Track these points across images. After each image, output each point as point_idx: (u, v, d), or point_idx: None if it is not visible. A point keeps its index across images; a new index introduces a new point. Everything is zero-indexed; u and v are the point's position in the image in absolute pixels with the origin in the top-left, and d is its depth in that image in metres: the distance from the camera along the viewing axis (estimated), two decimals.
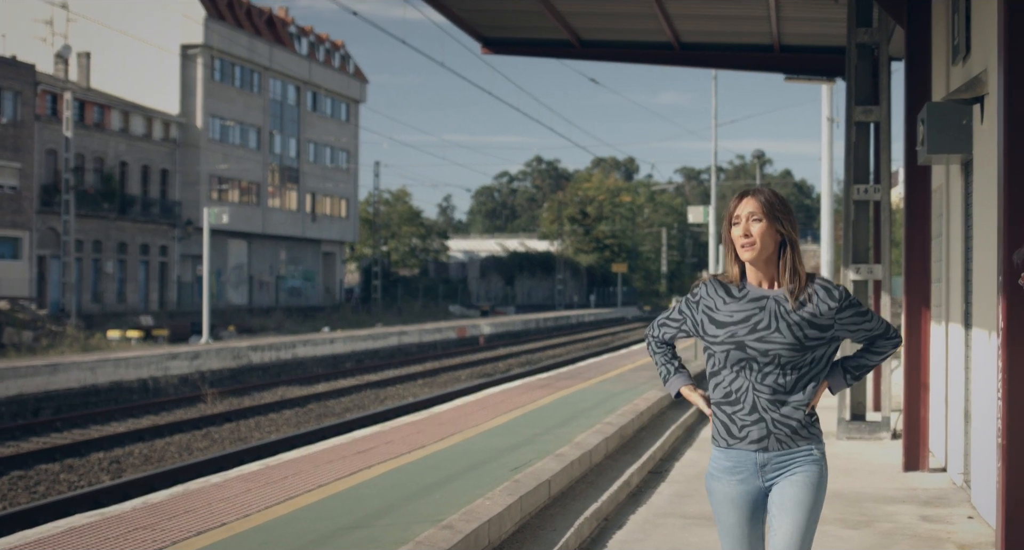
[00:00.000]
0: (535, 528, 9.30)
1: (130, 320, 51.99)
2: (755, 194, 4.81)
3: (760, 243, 4.74)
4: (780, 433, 4.79)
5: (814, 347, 4.77)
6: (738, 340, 4.77)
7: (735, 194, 4.94)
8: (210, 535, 7.78)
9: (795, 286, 4.76)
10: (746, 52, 17.92)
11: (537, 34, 17.60)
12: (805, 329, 4.74)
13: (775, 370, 4.74)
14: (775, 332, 4.73)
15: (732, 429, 4.84)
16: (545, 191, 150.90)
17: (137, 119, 66.36)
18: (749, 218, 4.76)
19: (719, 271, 5.14)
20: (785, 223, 4.78)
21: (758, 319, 4.76)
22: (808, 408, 4.79)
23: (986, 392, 9.25)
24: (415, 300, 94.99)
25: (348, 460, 11.26)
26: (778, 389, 4.77)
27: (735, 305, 4.82)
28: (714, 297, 4.89)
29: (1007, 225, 6.59)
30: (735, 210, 4.80)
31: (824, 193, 30.03)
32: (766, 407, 4.76)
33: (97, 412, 23.58)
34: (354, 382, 31.66)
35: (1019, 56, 6.56)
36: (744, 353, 4.77)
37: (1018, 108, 6.58)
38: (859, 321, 4.86)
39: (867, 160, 14.76)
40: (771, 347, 4.72)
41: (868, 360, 5.02)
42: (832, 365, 4.94)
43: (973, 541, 9.05)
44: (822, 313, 4.76)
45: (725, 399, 4.85)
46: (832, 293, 4.79)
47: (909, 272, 12.81)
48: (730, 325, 4.80)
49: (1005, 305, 6.61)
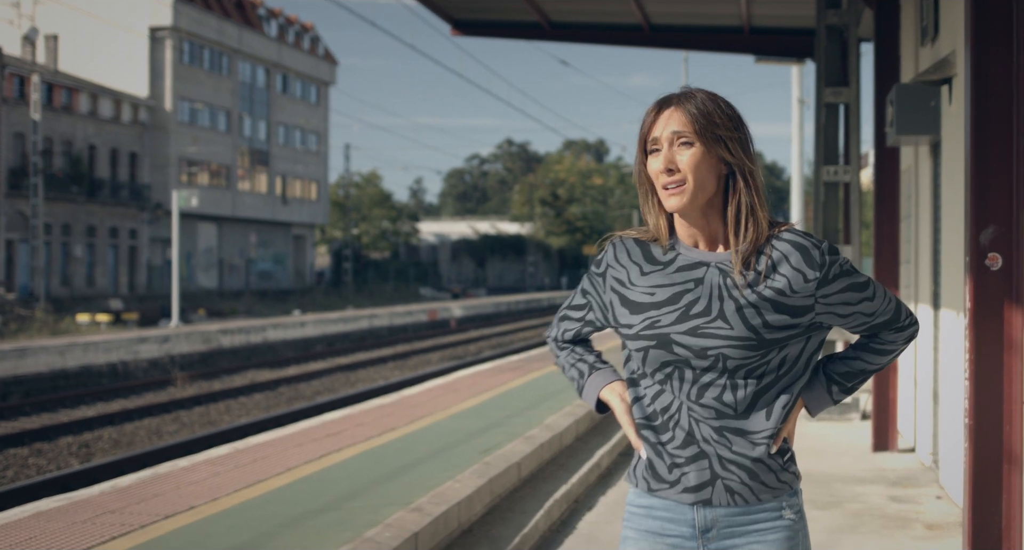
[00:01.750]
0: (505, 510, 9.30)
1: (99, 304, 51.77)
2: (680, 102, 3.08)
3: (693, 182, 3.03)
4: (732, 480, 3.09)
5: (781, 343, 3.06)
6: (660, 332, 3.07)
7: (651, 105, 3.16)
8: (178, 519, 7.75)
9: (749, 244, 3.06)
10: (716, 34, 17.91)
11: (507, 15, 17.56)
12: (766, 314, 3.02)
13: (720, 380, 3.05)
14: (717, 320, 3.03)
15: (658, 466, 3.15)
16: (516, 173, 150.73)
17: (105, 102, 66.00)
18: (673, 141, 3.05)
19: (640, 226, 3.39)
20: (733, 145, 3.07)
21: (691, 299, 3.07)
22: (777, 441, 3.11)
23: (954, 373, 9.29)
24: (386, 283, 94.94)
25: (318, 443, 11.24)
26: (726, 410, 3.07)
27: (657, 276, 3.13)
28: (626, 264, 3.20)
29: (974, 206, 6.60)
30: (651, 129, 3.09)
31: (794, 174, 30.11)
32: (709, 438, 3.08)
33: (66, 396, 23.46)
34: (325, 365, 31.60)
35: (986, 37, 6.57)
36: (670, 353, 3.07)
37: (985, 90, 6.58)
38: (855, 298, 3.13)
39: (837, 141, 14.78)
40: (711, 344, 3.03)
41: (868, 362, 3.30)
42: (812, 372, 3.24)
43: (941, 520, 9.09)
44: (795, 287, 3.03)
45: (648, 422, 3.16)
46: (811, 253, 3.05)
47: (878, 253, 12.85)
48: (649, 308, 3.11)
49: (972, 286, 6.63)
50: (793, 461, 3.20)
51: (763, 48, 18.42)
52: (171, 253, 57.15)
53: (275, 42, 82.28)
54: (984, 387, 6.63)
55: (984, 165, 6.59)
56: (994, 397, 6.63)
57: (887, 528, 8.89)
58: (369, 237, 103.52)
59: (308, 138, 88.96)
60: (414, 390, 16.49)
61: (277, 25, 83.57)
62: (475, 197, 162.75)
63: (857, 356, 3.30)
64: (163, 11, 69.60)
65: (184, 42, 71.85)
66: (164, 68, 70.51)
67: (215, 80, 75.74)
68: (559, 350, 3.49)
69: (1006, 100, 6.54)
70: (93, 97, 64.98)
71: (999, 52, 6.56)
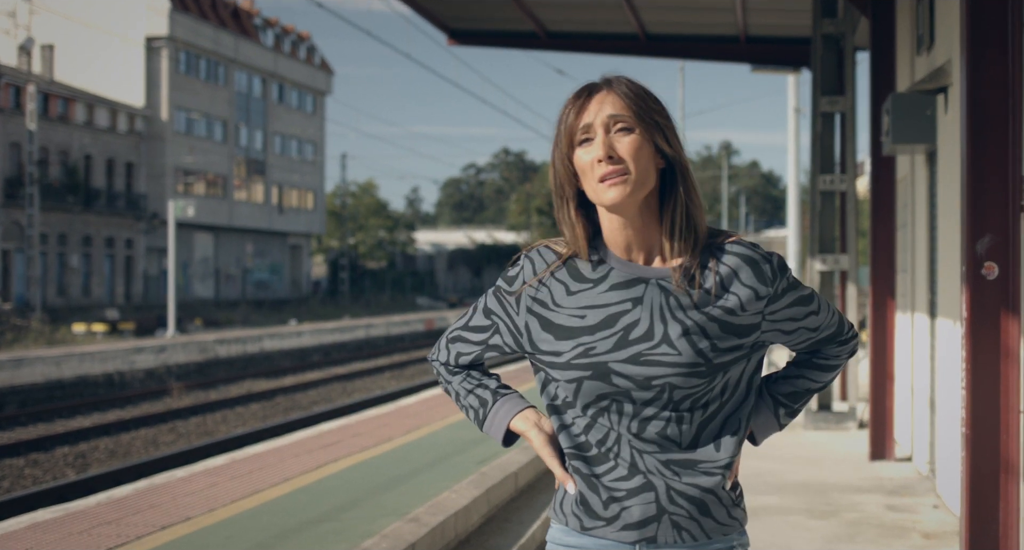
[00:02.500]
0: (502, 521, 9.29)
1: (96, 314, 51.73)
2: (611, 86, 2.74)
3: (635, 171, 2.66)
4: (680, 514, 2.74)
5: (727, 366, 2.72)
6: (595, 361, 2.69)
7: (573, 94, 2.78)
8: (175, 530, 7.74)
9: (691, 255, 2.73)
10: (712, 43, 17.92)
11: (503, 25, 17.56)
12: (713, 336, 2.69)
13: (663, 412, 2.70)
14: (661, 344, 2.67)
15: (592, 501, 2.77)
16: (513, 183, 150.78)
17: (102, 112, 65.99)
18: (611, 127, 2.68)
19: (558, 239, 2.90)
20: (670, 133, 2.73)
21: (629, 321, 2.69)
22: (732, 473, 2.80)
23: (951, 382, 9.28)
24: (382, 292, 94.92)
25: (314, 453, 11.23)
26: (669, 445, 2.72)
27: (587, 296, 2.74)
28: (548, 282, 2.79)
29: (970, 215, 6.60)
30: (580, 116, 2.71)
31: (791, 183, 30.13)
32: (655, 470, 2.73)
33: (62, 406, 23.43)
34: (321, 375, 31.57)
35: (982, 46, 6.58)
36: (608, 384, 2.69)
37: (981, 98, 6.59)
38: (801, 313, 2.84)
39: (833, 150, 14.80)
40: (656, 373, 2.66)
41: (812, 380, 2.99)
42: (756, 392, 2.89)
43: (938, 530, 9.08)
44: (746, 305, 2.72)
45: (579, 452, 2.78)
46: (762, 268, 2.74)
47: (875, 262, 12.85)
48: (581, 334, 2.71)
49: (968, 295, 6.63)
50: (742, 496, 2.86)
51: (759, 57, 18.44)
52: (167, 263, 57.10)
53: (271, 52, 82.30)
54: (981, 396, 6.63)
55: (980, 174, 6.59)
56: (991, 406, 6.63)
57: (884, 537, 8.88)
58: (365, 247, 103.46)
59: (304, 147, 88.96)
60: (411, 400, 16.48)
61: (273, 35, 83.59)
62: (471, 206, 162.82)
63: (800, 374, 2.98)
64: (159, 21, 69.61)
65: (180, 52, 71.87)
66: (160, 78, 70.51)
67: (211, 90, 75.75)
68: (450, 375, 3.02)
69: (1002, 109, 6.55)
70: (89, 107, 64.97)
71: (995, 61, 6.57)
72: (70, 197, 61.61)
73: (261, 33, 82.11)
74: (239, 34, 78.19)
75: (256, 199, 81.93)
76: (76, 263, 62.73)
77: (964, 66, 6.64)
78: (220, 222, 76.18)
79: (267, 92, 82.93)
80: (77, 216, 62.38)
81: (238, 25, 78.99)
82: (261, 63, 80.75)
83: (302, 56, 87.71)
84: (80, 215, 62.63)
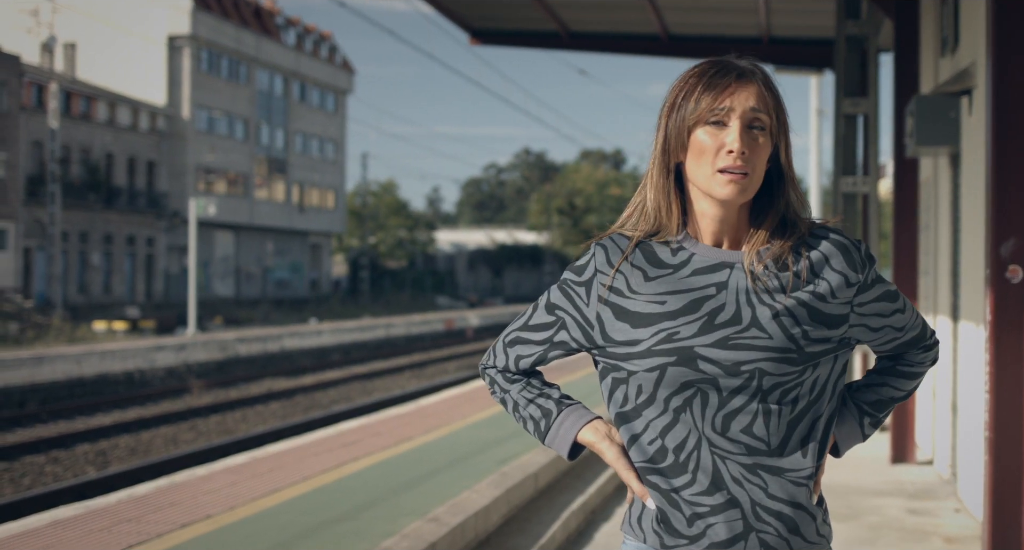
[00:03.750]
0: (522, 521, 9.28)
1: (116, 311, 51.90)
2: (758, 77, 2.60)
3: (756, 175, 2.56)
4: (769, 532, 2.56)
5: (816, 358, 2.56)
6: (680, 346, 2.52)
7: (702, 64, 2.64)
8: (195, 528, 7.75)
9: (783, 243, 2.60)
10: (735, 44, 17.88)
11: (525, 25, 17.56)
12: (804, 322, 2.54)
13: (751, 404, 2.53)
14: (751, 328, 2.52)
15: (674, 518, 2.60)
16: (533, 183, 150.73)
17: (123, 110, 66.17)
18: (751, 122, 2.56)
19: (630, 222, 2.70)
20: (789, 134, 2.65)
21: (714, 306, 2.55)
22: (817, 484, 2.64)
23: (973, 385, 9.25)
24: (403, 292, 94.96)
25: (334, 452, 11.23)
26: (757, 445, 2.55)
27: (667, 282, 2.59)
28: (624, 269, 2.63)
29: (994, 218, 6.57)
30: (722, 95, 2.56)
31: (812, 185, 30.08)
32: (740, 478, 2.56)
33: (83, 404, 23.51)
34: (341, 374, 31.61)
35: (1007, 48, 6.55)
36: (695, 370, 2.52)
37: (1006, 101, 6.56)
38: (888, 309, 2.70)
39: (855, 152, 14.75)
40: (746, 357, 2.50)
41: (896, 388, 2.84)
42: (841, 405, 2.78)
43: (959, 534, 9.05)
44: (836, 291, 2.59)
45: (653, 465, 2.60)
46: (852, 254, 2.63)
47: (897, 264, 12.81)
48: (661, 320, 2.55)
49: (992, 298, 6.60)
50: (827, 511, 2.69)
51: (782, 58, 18.40)
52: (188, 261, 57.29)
53: (293, 51, 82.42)
54: (1004, 400, 6.60)
55: (1005, 177, 6.56)
56: (1014, 410, 6.60)
57: (905, 541, 8.85)
58: (386, 246, 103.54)
59: (325, 146, 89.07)
60: (431, 399, 16.48)
61: (295, 34, 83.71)
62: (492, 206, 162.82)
63: (884, 382, 2.82)
64: (181, 19, 69.77)
65: (202, 50, 72.03)
66: (182, 76, 70.68)
67: (233, 88, 75.90)
68: (508, 382, 2.81)
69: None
70: (111, 105, 65.15)
71: (1021, 63, 6.54)
72: (91, 195, 61.79)
73: (283, 32, 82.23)
74: (261, 33, 78.33)
75: (277, 198, 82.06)
76: (97, 261, 62.93)
77: (989, 68, 6.61)
78: (241, 221, 76.32)
79: (288, 91, 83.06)
80: (98, 214, 62.56)
81: (260, 24, 79.13)
82: (283, 62, 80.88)
83: (324, 55, 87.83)
84: (101, 213, 62.81)
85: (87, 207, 61.28)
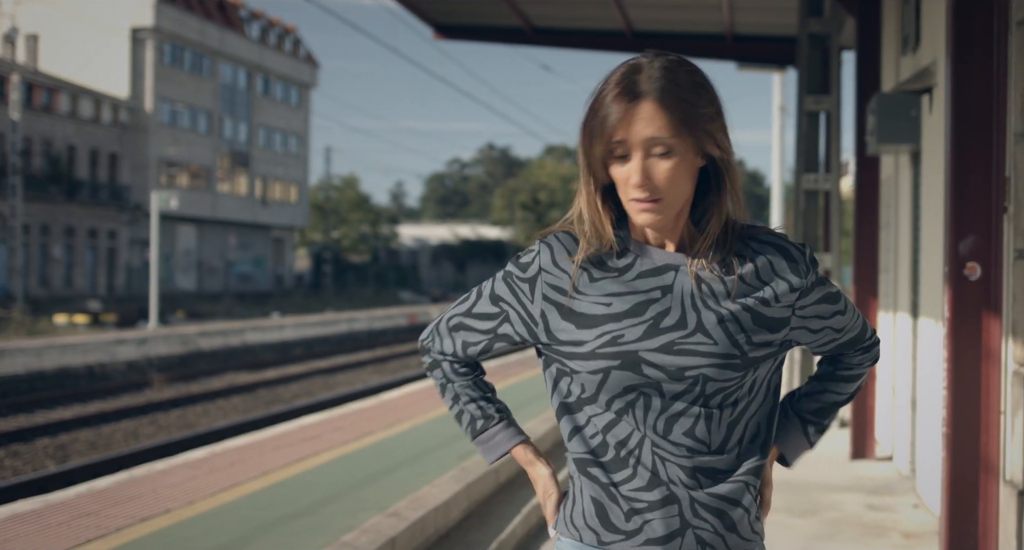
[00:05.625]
0: (482, 515, 9.29)
1: (78, 305, 51.59)
2: (658, 93, 2.45)
3: (671, 198, 2.48)
4: (705, 529, 2.57)
5: (759, 363, 2.56)
6: (624, 350, 2.50)
7: (610, 74, 2.53)
8: (154, 522, 7.72)
9: (728, 246, 2.56)
10: (699, 41, 17.91)
11: (489, 20, 17.54)
12: (747, 327, 2.53)
13: (693, 408, 2.53)
14: (696, 333, 2.50)
15: (612, 513, 2.59)
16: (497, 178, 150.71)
17: (86, 102, 65.81)
18: (649, 151, 2.46)
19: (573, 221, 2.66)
20: (719, 135, 2.53)
21: (659, 310, 2.51)
22: (765, 484, 2.71)
23: (932, 381, 9.30)
24: (366, 286, 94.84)
25: (295, 447, 11.21)
26: (699, 447, 2.56)
27: (614, 283, 2.55)
28: (569, 269, 2.59)
29: (953, 216, 6.61)
30: (618, 127, 2.46)
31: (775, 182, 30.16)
32: (680, 476, 2.56)
33: (43, 397, 23.37)
34: (303, 368, 31.54)
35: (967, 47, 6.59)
36: (638, 375, 2.50)
37: (965, 99, 6.60)
38: (828, 311, 2.68)
39: (817, 150, 14.80)
40: (690, 362, 2.50)
41: (837, 393, 2.86)
42: (781, 411, 2.81)
43: (918, 530, 9.10)
44: (779, 296, 2.56)
45: (594, 457, 2.60)
46: (795, 259, 2.59)
47: (858, 262, 12.88)
48: (606, 321, 2.52)
49: (951, 295, 6.64)
50: (759, 508, 2.69)
51: (745, 55, 18.44)
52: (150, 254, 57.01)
53: (257, 44, 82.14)
54: (962, 396, 6.64)
55: (964, 175, 6.60)
56: (972, 406, 6.64)
57: (864, 537, 8.90)
58: (349, 240, 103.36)
59: (289, 140, 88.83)
60: (393, 394, 16.46)
61: (259, 27, 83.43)
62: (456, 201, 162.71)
63: (824, 388, 2.84)
64: (144, 12, 69.42)
65: (165, 43, 71.69)
66: (145, 69, 70.33)
67: (196, 81, 75.58)
68: (454, 374, 2.82)
69: (986, 110, 6.57)
70: (73, 97, 64.78)
71: (979, 62, 6.58)
72: (53, 188, 61.44)
73: (247, 25, 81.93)
74: (225, 26, 78.02)
75: (240, 192, 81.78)
76: (58, 254, 62.57)
77: (949, 66, 6.65)
78: (203, 214, 76.04)
79: (252, 84, 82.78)
80: (60, 207, 62.21)
81: (224, 17, 78.81)
82: (246, 55, 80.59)
83: (288, 49, 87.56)
84: (63, 206, 62.46)
85: (49, 199, 60.91)
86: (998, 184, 6.51)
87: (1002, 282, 6.54)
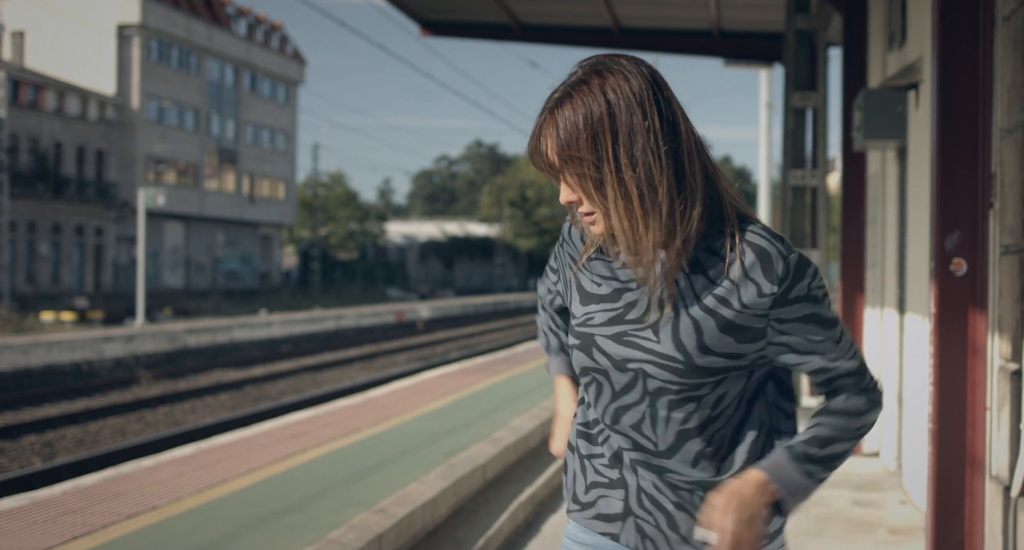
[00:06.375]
0: (469, 512, 9.28)
1: (65, 302, 51.50)
2: (553, 115, 2.39)
3: (605, 206, 2.38)
4: (647, 520, 2.55)
5: (714, 372, 2.43)
6: (587, 332, 2.52)
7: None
8: (141, 519, 7.70)
9: (706, 244, 2.46)
10: (686, 37, 17.93)
11: (477, 17, 17.53)
12: (708, 332, 2.41)
13: (640, 405, 2.49)
14: (646, 329, 2.44)
15: (578, 484, 2.66)
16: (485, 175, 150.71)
17: (72, 99, 65.66)
18: (560, 172, 2.42)
19: None
20: (647, 142, 2.34)
21: (631, 299, 2.48)
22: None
23: (918, 377, 9.32)
24: (353, 284, 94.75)
25: (283, 444, 11.19)
26: (644, 443, 2.52)
27: (606, 267, 2.56)
28: (578, 243, 2.66)
29: (939, 211, 6.62)
30: (536, 160, 2.44)
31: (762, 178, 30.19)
32: (631, 465, 2.56)
33: (30, 394, 23.31)
34: (291, 366, 31.49)
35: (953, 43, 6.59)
36: (590, 358, 2.51)
37: (951, 95, 6.61)
38: (817, 334, 2.46)
39: (804, 146, 14.82)
40: (631, 355, 2.45)
41: (828, 425, 2.54)
42: (774, 450, 2.54)
43: (904, 526, 9.12)
44: (745, 300, 2.40)
45: (587, 429, 2.65)
46: (773, 263, 2.40)
47: (845, 258, 12.89)
48: (592, 301, 2.54)
49: (937, 291, 6.65)
50: (781, 532, 2.60)
51: (732, 52, 18.46)
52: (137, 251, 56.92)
53: (244, 41, 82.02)
54: (948, 392, 6.65)
55: (950, 171, 6.61)
56: (958, 402, 6.65)
57: (851, 533, 8.91)
58: (337, 237, 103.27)
59: (276, 137, 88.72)
60: (380, 391, 16.45)
61: (246, 24, 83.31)
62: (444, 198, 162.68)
63: (817, 422, 2.54)
64: (131, 8, 69.28)
65: (152, 40, 71.56)
66: (132, 66, 70.20)
67: (183, 78, 75.45)
68: (541, 309, 3.04)
69: (972, 106, 6.57)
70: (60, 94, 64.63)
71: (965, 57, 6.59)
72: (40, 184, 61.30)
73: (234, 22, 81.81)
74: (211, 23, 77.90)
75: (227, 189, 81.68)
76: (45, 251, 62.43)
77: (935, 62, 6.65)
78: (191, 211, 75.93)
79: (239, 81, 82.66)
80: (47, 204, 62.07)
81: (211, 14, 78.69)
82: (233, 52, 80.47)
83: (275, 46, 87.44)
84: (50, 203, 62.33)
85: (35, 197, 60.78)
86: (984, 180, 6.51)
87: (988, 278, 6.54)
